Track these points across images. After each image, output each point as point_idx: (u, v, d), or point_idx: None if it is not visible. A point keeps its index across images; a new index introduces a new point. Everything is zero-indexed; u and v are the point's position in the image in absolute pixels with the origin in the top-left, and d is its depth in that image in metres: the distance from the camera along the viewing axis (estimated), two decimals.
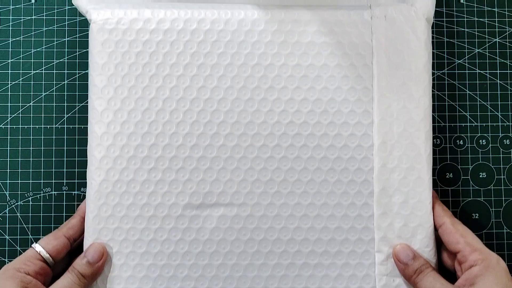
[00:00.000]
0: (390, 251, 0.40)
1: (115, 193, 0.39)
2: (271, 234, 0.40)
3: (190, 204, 0.40)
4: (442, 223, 0.39)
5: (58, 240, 0.39)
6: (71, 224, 0.40)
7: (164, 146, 0.40)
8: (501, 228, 0.45)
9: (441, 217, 0.39)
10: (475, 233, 0.44)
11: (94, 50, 0.40)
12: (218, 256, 0.40)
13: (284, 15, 0.40)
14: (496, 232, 0.45)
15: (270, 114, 0.40)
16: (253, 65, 0.40)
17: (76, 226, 0.40)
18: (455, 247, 0.38)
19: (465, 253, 0.37)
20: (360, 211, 0.40)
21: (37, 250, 0.38)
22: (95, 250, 0.39)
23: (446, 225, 0.39)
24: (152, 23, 0.40)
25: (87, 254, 0.38)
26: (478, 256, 0.37)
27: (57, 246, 0.39)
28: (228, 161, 0.40)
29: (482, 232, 0.45)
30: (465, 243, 0.37)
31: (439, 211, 0.40)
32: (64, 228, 0.40)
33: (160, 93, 0.40)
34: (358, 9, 0.41)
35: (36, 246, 0.38)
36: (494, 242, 0.45)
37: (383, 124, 0.40)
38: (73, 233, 0.40)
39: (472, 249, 0.37)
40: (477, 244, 0.37)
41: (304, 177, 0.40)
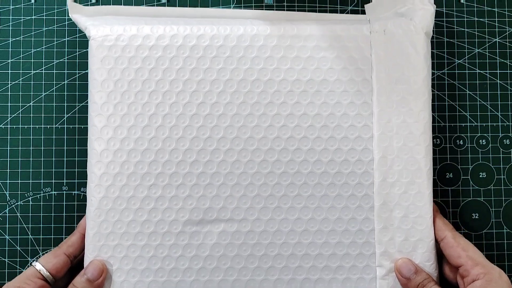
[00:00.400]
0: (391, 266, 0.40)
1: (115, 210, 0.39)
2: (272, 250, 0.40)
3: (190, 220, 0.40)
4: (444, 237, 0.39)
5: (58, 258, 0.39)
6: (71, 242, 0.40)
7: (164, 163, 0.40)
8: (501, 228, 0.45)
9: (442, 230, 0.39)
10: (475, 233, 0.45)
11: (93, 66, 0.40)
12: (219, 272, 0.40)
13: (283, 30, 0.40)
14: (496, 232, 0.45)
15: (269, 129, 0.40)
16: (253, 80, 0.40)
17: (76, 243, 0.40)
18: (457, 261, 0.38)
19: (467, 267, 0.37)
20: (361, 225, 0.40)
21: (37, 268, 0.38)
22: (94, 267, 0.38)
23: (448, 239, 0.39)
24: (151, 39, 0.40)
25: (86, 272, 0.38)
26: (480, 270, 0.37)
27: (57, 264, 0.38)
28: (228, 177, 0.40)
29: (482, 232, 0.45)
30: (467, 257, 0.37)
31: (440, 224, 0.40)
32: (64, 245, 0.40)
33: (160, 109, 0.40)
34: (357, 23, 0.41)
35: (36, 265, 0.38)
36: (494, 242, 0.45)
37: (383, 138, 0.40)
38: (73, 250, 0.40)
39: (474, 263, 0.37)
40: (479, 258, 0.37)
41: (304, 192, 0.40)
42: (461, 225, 0.45)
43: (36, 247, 0.44)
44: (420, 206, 0.40)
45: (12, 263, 0.44)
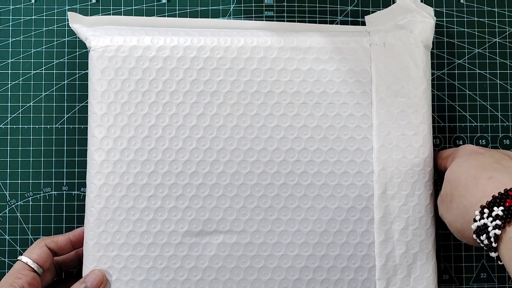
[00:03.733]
0: (391, 278, 0.40)
1: (114, 221, 0.39)
2: (271, 262, 0.40)
3: (189, 231, 0.40)
4: None
5: (41, 249, 0.39)
6: (56, 239, 0.40)
7: (163, 174, 0.40)
8: None
9: None
10: None
11: (93, 77, 0.40)
12: (218, 284, 0.39)
13: (283, 43, 0.41)
14: None
15: (269, 141, 0.40)
16: (253, 92, 0.40)
17: (60, 242, 0.40)
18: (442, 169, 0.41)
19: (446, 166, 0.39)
20: (361, 238, 0.40)
21: (24, 261, 0.38)
22: (94, 277, 0.38)
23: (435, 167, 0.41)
24: (151, 50, 0.40)
25: (86, 281, 0.38)
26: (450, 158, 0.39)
27: (42, 254, 0.39)
28: (227, 188, 0.40)
29: None
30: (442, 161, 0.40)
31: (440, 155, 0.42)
32: (47, 239, 0.40)
33: (160, 120, 0.40)
34: (357, 36, 0.41)
35: (22, 258, 0.38)
36: None
37: (382, 151, 0.40)
38: (55, 247, 0.40)
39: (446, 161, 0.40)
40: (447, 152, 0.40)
41: (304, 204, 0.40)
42: None
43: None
44: (419, 217, 0.40)
45: (12, 263, 0.44)
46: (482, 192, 0.33)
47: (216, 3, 0.46)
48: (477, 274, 0.45)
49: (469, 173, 0.35)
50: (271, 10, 0.46)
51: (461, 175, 0.35)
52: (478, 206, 0.32)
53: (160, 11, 0.46)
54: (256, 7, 0.46)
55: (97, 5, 0.46)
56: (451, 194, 0.36)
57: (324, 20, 0.46)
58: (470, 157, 0.37)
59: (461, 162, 0.36)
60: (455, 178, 0.36)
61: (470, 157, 0.37)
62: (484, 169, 0.34)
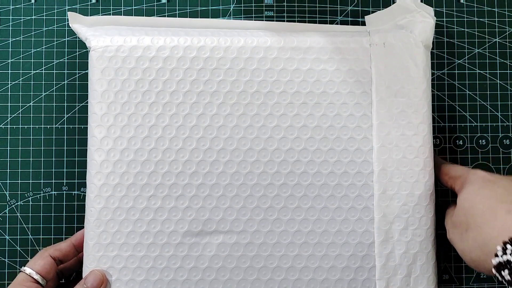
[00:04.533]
0: (391, 278, 0.40)
1: (114, 221, 0.39)
2: (271, 262, 0.40)
3: (189, 231, 0.40)
4: None
5: (44, 260, 0.39)
6: (59, 247, 0.40)
7: (163, 174, 0.40)
8: None
9: None
10: None
11: (93, 77, 0.40)
12: (218, 284, 0.39)
13: (283, 43, 0.41)
14: None
15: (269, 141, 0.40)
16: (253, 92, 0.40)
17: (64, 249, 0.40)
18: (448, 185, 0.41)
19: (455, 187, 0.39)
20: (361, 238, 0.40)
21: (27, 272, 0.38)
22: (94, 277, 0.38)
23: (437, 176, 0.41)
24: (151, 50, 0.40)
25: (86, 281, 0.38)
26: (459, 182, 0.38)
27: (45, 265, 0.39)
28: (227, 188, 0.40)
29: None
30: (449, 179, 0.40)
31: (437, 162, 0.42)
32: (50, 249, 0.40)
33: (160, 120, 0.40)
34: (357, 36, 0.41)
35: (25, 269, 0.38)
36: None
37: (382, 151, 0.40)
38: (59, 255, 0.40)
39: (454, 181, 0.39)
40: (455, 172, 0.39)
41: (304, 204, 0.40)
42: None
43: (36, 247, 0.44)
44: (419, 217, 0.40)
45: (12, 263, 0.44)
46: (501, 226, 0.33)
47: (216, 3, 0.46)
48: (477, 274, 0.45)
49: (486, 204, 0.35)
50: (271, 10, 0.46)
51: (477, 204, 0.35)
52: (499, 241, 0.32)
53: (160, 11, 0.46)
54: (256, 7, 0.46)
55: (97, 5, 0.46)
56: (466, 223, 0.35)
57: (324, 20, 0.46)
58: (483, 185, 0.36)
59: (475, 190, 0.36)
60: (470, 207, 0.35)
61: (483, 185, 0.36)
62: (501, 201, 0.34)
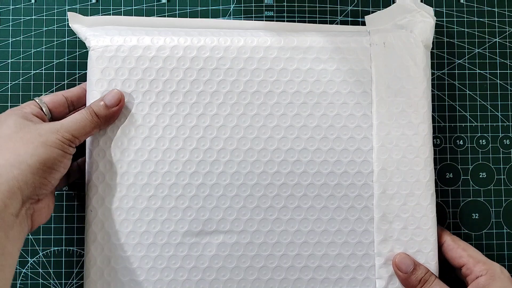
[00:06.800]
0: (390, 277, 0.40)
1: (114, 221, 0.39)
2: (271, 262, 0.40)
3: (189, 231, 0.40)
4: (444, 241, 0.40)
5: (55, 95, 0.40)
6: (71, 89, 0.41)
7: (163, 174, 0.40)
8: (501, 228, 0.45)
9: (442, 236, 0.41)
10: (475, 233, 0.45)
11: (93, 77, 0.40)
12: (218, 284, 0.39)
13: (283, 42, 0.41)
14: (496, 232, 0.45)
15: (269, 141, 0.40)
16: (253, 92, 0.40)
17: (76, 91, 0.41)
18: (459, 261, 0.39)
19: (469, 265, 0.38)
20: (360, 237, 0.40)
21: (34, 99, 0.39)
22: (113, 95, 0.39)
23: (448, 242, 0.40)
24: (151, 50, 0.40)
25: (105, 98, 0.39)
26: (482, 267, 0.38)
27: (54, 99, 0.39)
28: (227, 188, 0.40)
29: (482, 232, 0.45)
30: (468, 256, 0.39)
31: (438, 231, 0.41)
32: (63, 91, 0.40)
33: (160, 120, 0.40)
34: (357, 35, 0.41)
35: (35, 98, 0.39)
36: (494, 242, 0.45)
37: (382, 150, 0.40)
38: (71, 95, 0.40)
39: (475, 261, 0.38)
40: (479, 256, 0.39)
41: (304, 203, 0.40)
42: (461, 225, 0.45)
43: (36, 247, 0.44)
44: (419, 217, 0.40)
45: None
46: None
47: (216, 3, 0.46)
48: None
49: None
50: (271, 10, 0.46)
51: None
52: None
53: (160, 11, 0.46)
54: (256, 7, 0.46)
55: (97, 5, 0.46)
56: None
57: (324, 20, 0.46)
58: None
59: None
60: None
61: None
62: None
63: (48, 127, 0.36)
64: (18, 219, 0.33)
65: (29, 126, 0.35)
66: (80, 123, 0.37)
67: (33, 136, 0.35)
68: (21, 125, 0.35)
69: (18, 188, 0.33)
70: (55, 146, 0.35)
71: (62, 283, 0.44)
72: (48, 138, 0.35)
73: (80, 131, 0.37)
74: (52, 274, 0.44)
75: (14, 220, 0.33)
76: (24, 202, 0.34)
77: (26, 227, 0.35)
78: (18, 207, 0.33)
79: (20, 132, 0.35)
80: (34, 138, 0.35)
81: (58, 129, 0.36)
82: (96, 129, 0.38)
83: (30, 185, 0.34)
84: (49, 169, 0.35)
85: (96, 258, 0.39)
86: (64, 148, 0.36)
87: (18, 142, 0.34)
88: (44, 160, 0.34)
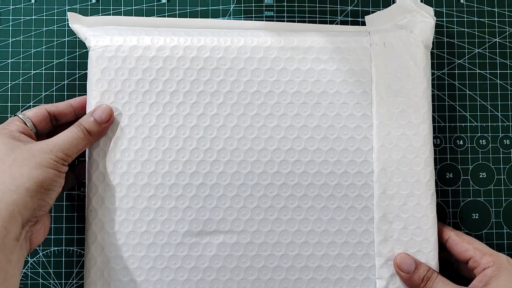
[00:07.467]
0: (390, 277, 0.40)
1: (114, 221, 0.39)
2: (272, 262, 0.40)
3: (189, 231, 0.40)
4: (448, 237, 0.41)
5: (39, 109, 0.39)
6: (56, 104, 0.40)
7: (163, 174, 0.40)
8: (501, 228, 0.45)
9: (445, 232, 0.41)
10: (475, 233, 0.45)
11: (93, 77, 0.40)
12: (218, 284, 0.39)
13: (283, 42, 0.41)
14: (496, 232, 0.45)
15: (269, 141, 0.40)
16: (253, 92, 0.40)
17: (61, 107, 0.40)
18: (465, 255, 0.39)
19: (476, 258, 0.39)
20: (360, 237, 0.40)
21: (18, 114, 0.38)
22: (103, 110, 0.38)
23: (452, 237, 0.40)
24: (151, 50, 0.40)
25: (94, 114, 0.38)
26: (489, 258, 0.38)
27: (37, 113, 0.39)
28: (228, 188, 0.40)
29: (482, 232, 0.45)
30: (474, 249, 0.39)
31: (440, 227, 0.41)
32: (47, 104, 0.40)
33: (160, 120, 0.40)
34: (357, 35, 0.41)
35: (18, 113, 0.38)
36: (494, 242, 0.45)
37: (382, 150, 0.40)
38: (55, 110, 0.40)
39: (482, 253, 0.39)
40: (485, 249, 0.39)
41: (304, 203, 0.40)
42: (461, 225, 0.45)
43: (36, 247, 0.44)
44: (419, 217, 0.40)
45: None
46: None
47: (216, 3, 0.46)
48: None
49: None
50: (271, 10, 0.46)
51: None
52: None
53: (160, 11, 0.46)
54: (256, 7, 0.46)
55: (97, 5, 0.46)
56: None
57: (324, 20, 0.46)
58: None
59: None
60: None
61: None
62: None
63: (41, 147, 0.35)
64: (18, 243, 0.33)
65: (20, 147, 0.35)
66: (72, 141, 0.37)
67: (27, 158, 0.34)
68: (12, 146, 0.35)
69: (18, 213, 0.33)
70: (50, 167, 0.35)
71: (62, 283, 0.44)
72: (43, 159, 0.35)
73: (73, 150, 0.37)
74: (52, 274, 0.44)
75: (15, 244, 0.33)
76: (24, 225, 0.34)
77: (26, 249, 0.35)
78: (19, 231, 0.33)
79: (12, 154, 0.34)
80: (28, 160, 0.34)
81: (51, 149, 0.36)
82: (88, 145, 0.38)
83: (29, 208, 0.34)
84: (46, 190, 0.35)
85: (96, 258, 0.39)
86: (59, 168, 0.36)
87: (12, 164, 0.34)
88: (41, 182, 0.34)
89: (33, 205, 0.34)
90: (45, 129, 0.39)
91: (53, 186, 0.35)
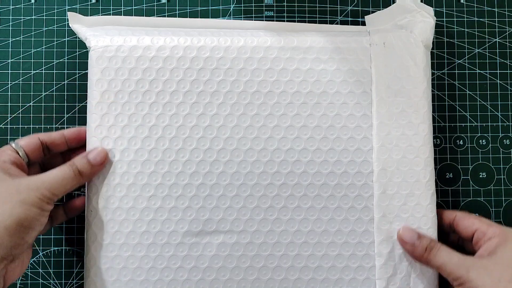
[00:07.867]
0: (390, 278, 0.40)
1: (114, 221, 0.39)
2: (271, 261, 0.40)
3: (189, 231, 0.40)
4: (454, 216, 0.40)
5: (31, 138, 0.39)
6: (49, 133, 0.40)
7: (163, 174, 0.40)
8: None
9: (450, 213, 0.41)
10: None
11: (93, 77, 0.40)
12: (218, 284, 0.39)
13: (283, 42, 0.41)
14: None
15: (269, 141, 0.40)
16: (253, 92, 0.40)
17: (54, 136, 0.40)
18: (471, 228, 0.39)
19: (482, 229, 0.38)
20: (360, 238, 0.40)
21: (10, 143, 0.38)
22: (98, 153, 0.38)
23: (459, 215, 0.40)
24: (151, 50, 0.40)
25: (89, 156, 0.38)
26: (495, 229, 0.38)
27: (30, 142, 0.38)
28: (227, 188, 0.40)
29: None
30: (481, 222, 0.39)
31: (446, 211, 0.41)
32: (41, 133, 0.40)
33: (160, 120, 0.40)
34: (357, 35, 0.41)
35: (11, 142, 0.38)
36: None
37: (382, 150, 0.40)
38: (48, 140, 0.39)
39: (488, 225, 0.38)
40: (492, 223, 0.39)
41: (304, 203, 0.40)
42: None
43: (36, 247, 0.44)
44: (419, 217, 0.40)
45: None
46: None
47: (216, 3, 0.46)
48: None
49: None
50: (271, 10, 0.46)
51: None
52: None
53: (160, 11, 0.46)
54: (256, 7, 0.46)
55: (97, 5, 0.46)
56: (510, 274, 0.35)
57: (324, 20, 0.46)
58: None
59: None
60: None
61: None
62: None
63: (28, 183, 0.35)
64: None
65: (7, 181, 0.35)
66: (62, 181, 0.36)
67: (11, 194, 0.34)
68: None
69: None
70: (33, 205, 0.34)
71: (62, 283, 0.44)
72: (27, 196, 0.34)
73: (61, 189, 0.36)
74: (52, 274, 0.44)
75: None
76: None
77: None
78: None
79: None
80: (11, 196, 0.34)
81: (39, 186, 0.35)
82: (76, 186, 0.38)
83: (5, 246, 0.33)
84: (25, 229, 0.34)
85: (96, 258, 0.39)
86: (43, 206, 0.35)
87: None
88: (21, 220, 0.34)
89: (10, 244, 0.33)
90: (37, 158, 0.39)
91: (34, 224, 0.35)
